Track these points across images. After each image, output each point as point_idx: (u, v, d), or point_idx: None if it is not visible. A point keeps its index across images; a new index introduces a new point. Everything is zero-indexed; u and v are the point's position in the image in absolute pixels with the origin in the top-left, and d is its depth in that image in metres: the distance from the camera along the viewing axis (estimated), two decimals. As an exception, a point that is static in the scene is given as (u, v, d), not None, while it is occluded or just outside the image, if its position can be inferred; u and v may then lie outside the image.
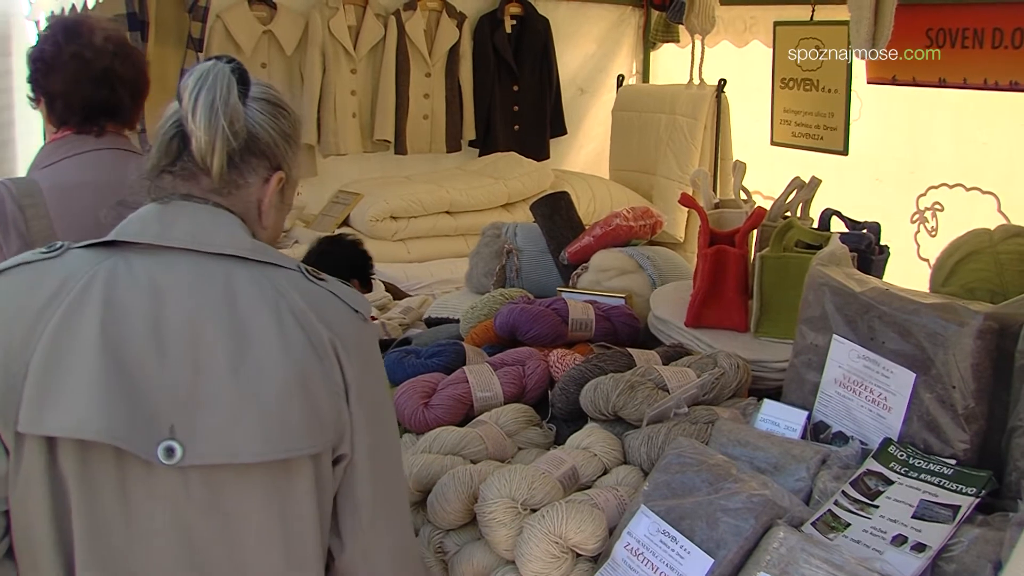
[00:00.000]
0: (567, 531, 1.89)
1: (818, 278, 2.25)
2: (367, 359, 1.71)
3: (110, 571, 1.57)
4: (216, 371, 1.56)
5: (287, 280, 1.66)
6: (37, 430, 1.50)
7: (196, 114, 1.62)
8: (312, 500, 1.65)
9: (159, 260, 1.61)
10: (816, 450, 2.06)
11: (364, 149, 5.85)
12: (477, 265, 3.60)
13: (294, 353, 1.59)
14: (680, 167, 5.87)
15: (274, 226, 1.80)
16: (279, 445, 1.58)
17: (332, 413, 1.64)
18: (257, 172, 1.70)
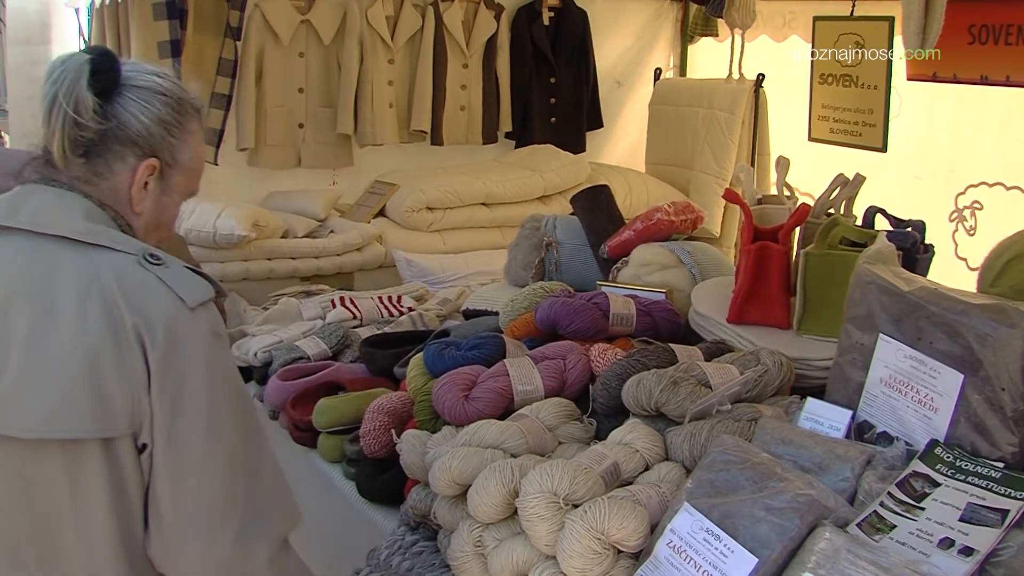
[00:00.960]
0: (609, 527, 1.88)
1: (865, 276, 2.23)
2: (178, 348, 1.70)
3: None
4: (13, 346, 1.65)
5: (113, 264, 1.70)
6: None
7: (43, 107, 1.74)
8: (103, 483, 1.68)
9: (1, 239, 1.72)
10: (861, 450, 2.04)
11: (400, 139, 5.85)
12: (516, 258, 3.59)
13: (89, 337, 1.64)
14: (717, 162, 5.84)
15: (153, 215, 1.86)
16: (58, 425, 1.64)
17: (125, 400, 1.66)
18: (124, 161, 1.78)
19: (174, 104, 1.84)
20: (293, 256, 4.73)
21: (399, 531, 2.44)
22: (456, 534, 2.15)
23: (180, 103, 1.85)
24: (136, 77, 1.81)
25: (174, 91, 1.85)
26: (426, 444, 2.39)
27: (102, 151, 1.77)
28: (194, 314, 1.73)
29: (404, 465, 2.41)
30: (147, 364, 1.67)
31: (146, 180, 1.82)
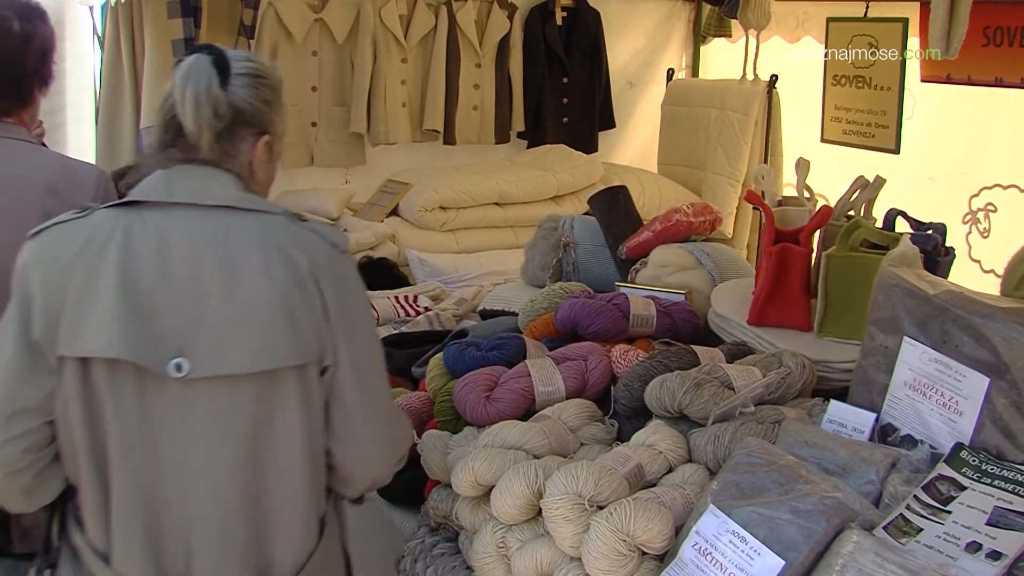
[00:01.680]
0: (634, 529, 1.88)
1: (889, 279, 2.22)
2: (344, 284, 2.04)
3: (135, 467, 1.94)
4: (213, 300, 1.91)
5: (272, 223, 1.99)
6: (73, 352, 1.89)
7: (185, 106, 1.96)
8: (298, 404, 1.99)
9: (167, 214, 1.96)
10: (886, 453, 2.04)
11: (413, 139, 5.84)
12: (533, 258, 3.59)
13: (278, 283, 1.93)
14: (730, 163, 5.83)
15: (265, 179, 2.14)
16: (266, 358, 1.93)
17: (312, 331, 1.97)
18: (246, 140, 2.04)
19: (269, 82, 2.08)
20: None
21: (420, 532, 2.44)
22: (479, 536, 2.15)
23: (273, 80, 2.10)
24: (237, 65, 2.03)
25: (267, 71, 2.10)
26: (447, 444, 2.39)
27: (231, 135, 2.02)
28: (345, 256, 2.08)
29: (425, 465, 2.41)
30: (323, 301, 1.98)
31: (262, 153, 2.08)
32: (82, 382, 1.92)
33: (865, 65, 5.43)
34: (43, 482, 2.01)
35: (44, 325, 1.91)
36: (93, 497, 1.98)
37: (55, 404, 1.94)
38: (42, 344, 1.92)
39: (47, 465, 2.00)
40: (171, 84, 2.01)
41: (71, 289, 1.90)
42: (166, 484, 1.96)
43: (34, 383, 1.93)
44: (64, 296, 1.90)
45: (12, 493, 2.01)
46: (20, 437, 1.94)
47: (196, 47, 2.07)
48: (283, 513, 2.04)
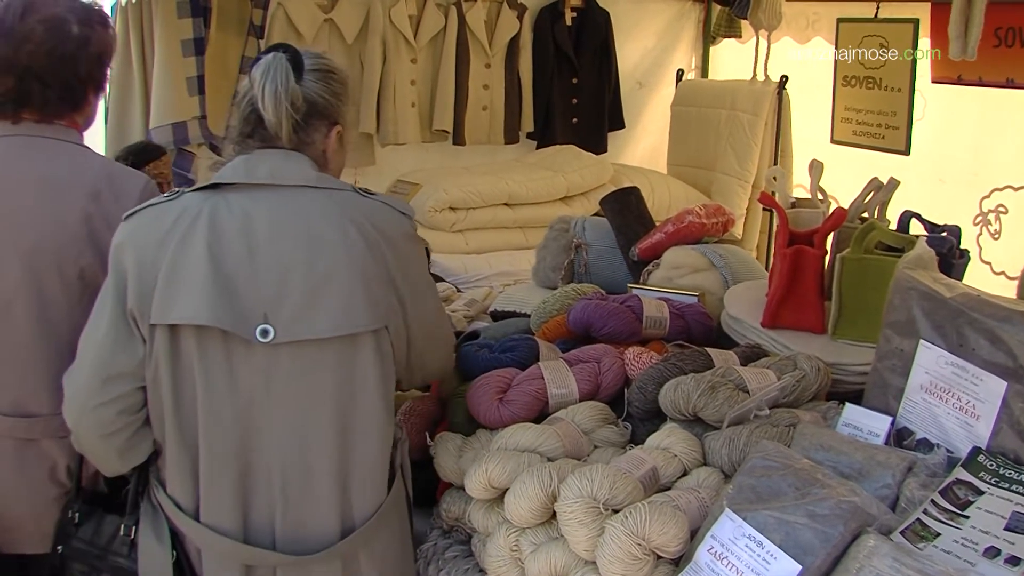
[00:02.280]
0: (650, 533, 1.87)
1: (905, 282, 2.21)
2: (409, 252, 2.24)
3: (224, 428, 2.12)
4: (295, 271, 2.09)
5: (345, 199, 2.18)
6: (164, 320, 2.07)
7: (264, 101, 2.15)
8: (375, 364, 2.17)
9: (249, 195, 2.14)
10: (902, 457, 2.03)
11: (423, 139, 5.84)
12: (544, 259, 3.57)
13: (355, 253, 2.12)
14: (740, 164, 5.82)
15: (337, 166, 2.34)
16: (347, 323, 2.11)
17: (385, 297, 2.16)
18: (319, 130, 2.24)
19: (338, 78, 2.28)
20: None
21: (432, 535, 2.44)
22: (492, 539, 2.14)
23: (342, 76, 2.31)
24: (309, 62, 2.22)
25: (335, 67, 2.30)
26: (460, 447, 2.39)
27: (306, 125, 2.21)
28: (411, 222, 2.28)
29: (438, 467, 2.40)
30: (391, 265, 2.17)
31: (335, 141, 2.29)
32: (171, 349, 2.10)
33: (875, 66, 5.42)
34: (135, 444, 2.20)
35: (137, 297, 2.10)
36: (179, 457, 2.16)
37: (146, 371, 2.13)
38: (135, 314, 2.11)
39: (139, 428, 2.19)
40: (248, 81, 2.21)
41: (162, 264, 2.08)
42: (253, 442, 2.14)
43: (128, 350, 2.12)
44: (156, 271, 2.08)
45: (108, 455, 2.21)
46: (115, 400, 2.14)
47: (270, 47, 2.26)
48: (363, 465, 2.21)
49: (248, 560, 2.17)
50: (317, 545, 2.19)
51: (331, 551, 2.19)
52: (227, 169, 2.20)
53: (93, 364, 2.14)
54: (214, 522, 2.15)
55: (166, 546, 2.21)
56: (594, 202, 5.60)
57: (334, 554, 2.20)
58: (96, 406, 2.13)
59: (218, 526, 2.15)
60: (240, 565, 2.17)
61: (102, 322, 2.14)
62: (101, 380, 2.13)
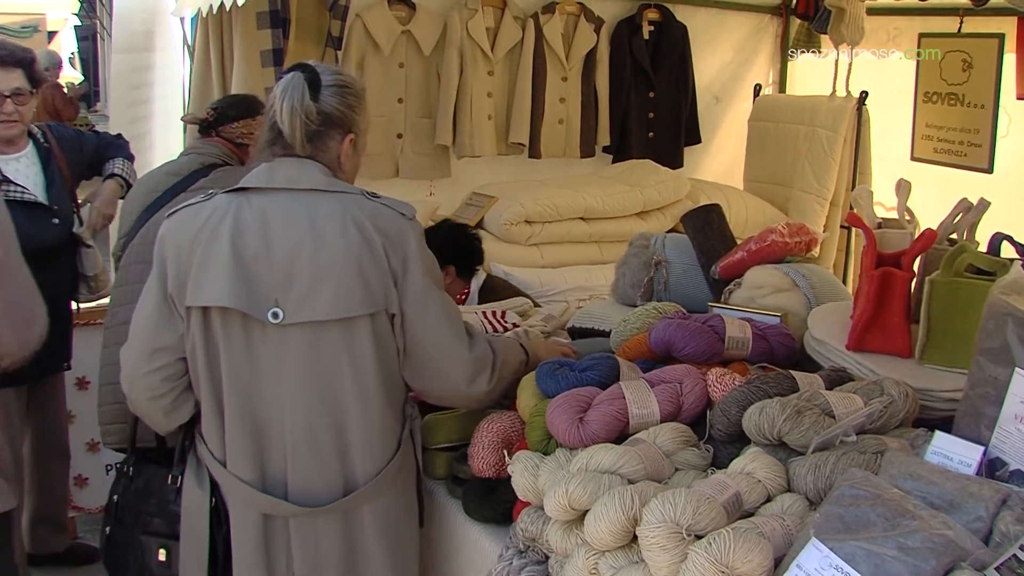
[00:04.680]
0: (734, 560, 1.83)
1: (1000, 307, 2.15)
2: (408, 249, 2.54)
3: (242, 394, 2.54)
4: (301, 263, 2.46)
5: (351, 201, 2.53)
6: (196, 303, 2.49)
7: (283, 115, 2.54)
8: (371, 346, 2.53)
9: (268, 197, 2.53)
10: (996, 489, 1.96)
11: (498, 152, 5.84)
12: (624, 275, 3.54)
13: (353, 249, 2.46)
14: (818, 180, 5.75)
15: (351, 169, 2.72)
16: (342, 308, 2.47)
17: (381, 287, 2.49)
18: (334, 138, 2.61)
19: (354, 91, 2.64)
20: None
21: (507, 554, 2.41)
22: (571, 561, 2.11)
23: (356, 89, 2.66)
24: (326, 79, 2.59)
25: (350, 82, 2.66)
26: (539, 466, 2.36)
27: (321, 135, 2.59)
28: (412, 223, 2.58)
29: (516, 487, 2.37)
30: (390, 261, 2.50)
31: (348, 148, 2.65)
32: (203, 327, 2.51)
33: (958, 82, 5.33)
34: (179, 406, 2.64)
35: (176, 283, 2.52)
36: (211, 417, 2.59)
37: (185, 344, 2.56)
38: (174, 297, 2.53)
39: (181, 393, 2.63)
40: (273, 96, 2.58)
41: (195, 255, 2.48)
42: (267, 407, 2.54)
43: (169, 327, 2.56)
44: (191, 260, 2.49)
45: (156, 414, 2.66)
46: (160, 369, 2.58)
47: (293, 66, 2.64)
48: (362, 434, 2.58)
49: (264, 508, 2.58)
50: (322, 500, 2.58)
51: (333, 506, 2.58)
52: (252, 174, 2.59)
53: (142, 339, 2.59)
54: (238, 470, 2.57)
55: (206, 491, 2.65)
56: (671, 217, 5.58)
57: (336, 509, 2.59)
58: (145, 374, 2.59)
59: (240, 475, 2.57)
60: (258, 513, 2.59)
61: (148, 304, 2.59)
62: (149, 353, 2.58)
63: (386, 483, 2.64)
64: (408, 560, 2.75)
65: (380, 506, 2.64)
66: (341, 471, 2.59)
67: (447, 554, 2.85)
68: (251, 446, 2.56)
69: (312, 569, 2.63)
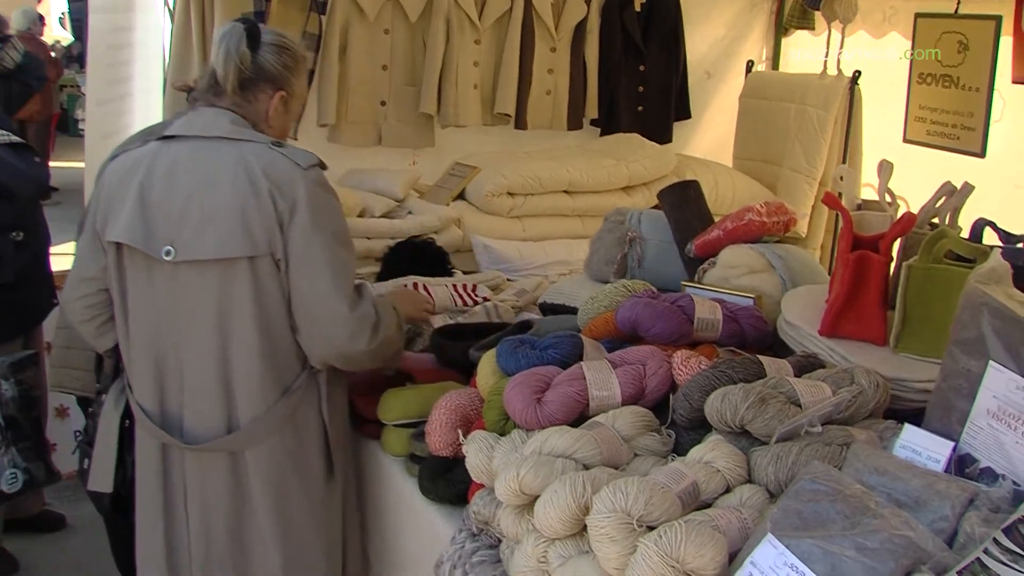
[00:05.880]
0: (685, 555, 1.74)
1: (977, 297, 2.05)
2: (297, 195, 2.65)
3: (144, 327, 2.77)
4: (194, 204, 2.63)
5: (251, 150, 2.68)
6: (107, 238, 2.73)
7: (218, 58, 2.73)
8: (251, 289, 2.66)
9: (184, 144, 2.72)
10: (963, 487, 1.87)
11: (484, 122, 5.69)
12: (598, 251, 3.44)
13: (239, 194, 2.61)
14: (808, 160, 5.64)
15: (280, 127, 2.89)
16: (224, 248, 2.62)
17: (264, 232, 2.62)
18: (264, 91, 2.81)
19: (292, 53, 2.82)
20: (369, 236, 4.59)
21: (460, 537, 2.33)
22: (520, 548, 2.03)
23: (295, 52, 2.84)
24: (267, 37, 2.78)
25: (291, 44, 2.84)
26: (493, 447, 2.27)
27: (251, 86, 2.78)
28: (306, 171, 2.69)
29: (469, 467, 2.29)
30: (278, 208, 2.62)
31: (278, 105, 2.82)
32: (117, 261, 2.75)
33: (954, 64, 5.23)
34: (104, 332, 2.90)
35: (100, 220, 2.76)
36: (124, 347, 2.84)
37: (108, 277, 2.78)
38: (99, 232, 2.76)
39: (105, 321, 2.88)
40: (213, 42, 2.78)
41: (115, 196, 2.72)
42: (164, 341, 2.74)
43: (94, 260, 2.81)
44: (111, 200, 2.73)
45: (87, 337, 2.94)
46: (84, 297, 2.85)
47: (236, 19, 2.79)
48: (244, 376, 2.72)
49: (161, 439, 2.78)
50: (208, 438, 2.74)
51: (211, 444, 2.75)
52: (176, 124, 2.78)
53: (75, 269, 2.86)
54: (141, 399, 2.80)
55: (119, 411, 2.93)
56: (656, 193, 5.47)
57: (216, 448, 2.75)
58: (72, 300, 2.88)
59: (143, 405, 2.79)
60: (158, 443, 2.80)
61: (84, 238, 2.84)
62: (77, 281, 2.86)
63: (268, 429, 2.75)
64: (302, 511, 2.85)
65: (263, 452, 2.77)
66: (225, 411, 2.74)
67: (403, 534, 2.78)
68: (151, 378, 2.77)
69: (203, 506, 2.80)
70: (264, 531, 2.82)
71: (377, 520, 2.96)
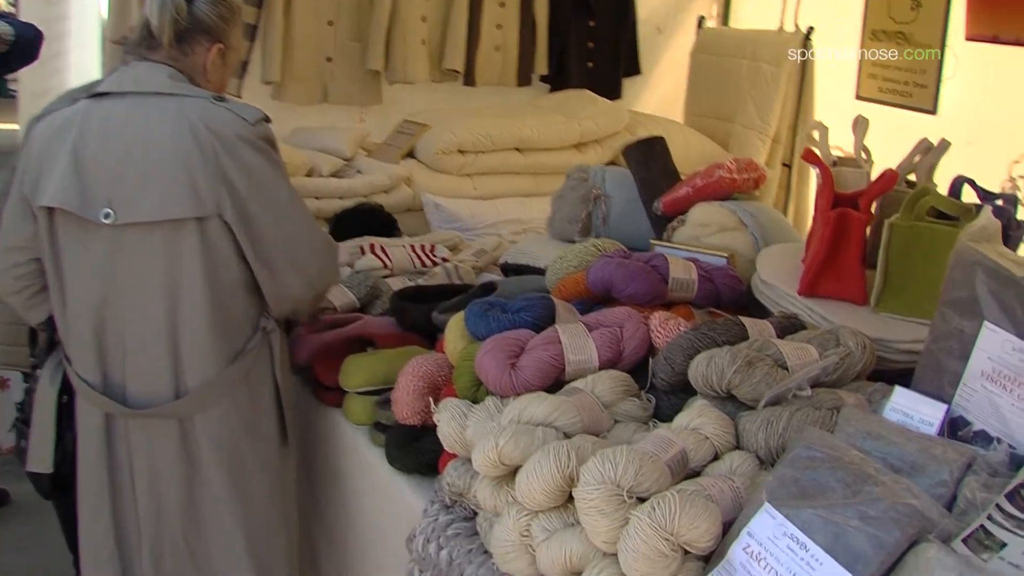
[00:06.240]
0: (679, 527, 1.66)
1: (969, 255, 1.98)
2: (243, 151, 2.56)
3: (82, 294, 2.63)
4: (132, 164, 2.51)
5: (191, 104, 2.57)
6: (38, 203, 2.59)
7: (152, 9, 2.62)
8: (198, 250, 2.56)
9: (117, 101, 2.60)
10: (961, 452, 1.81)
11: (432, 78, 5.55)
12: (561, 210, 3.34)
13: (181, 150, 2.50)
14: (760, 116, 5.58)
15: (218, 81, 2.77)
16: (170, 209, 2.52)
17: (210, 190, 2.51)
18: (201, 44, 2.69)
19: (228, 4, 2.72)
20: (317, 196, 4.45)
21: (432, 509, 2.23)
22: (500, 521, 1.93)
23: (231, 3, 2.74)
24: None
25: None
26: (467, 415, 2.17)
27: (188, 38, 2.66)
28: (253, 127, 2.60)
29: (442, 437, 2.18)
30: (221, 164, 2.51)
31: (215, 58, 2.71)
32: (49, 227, 2.62)
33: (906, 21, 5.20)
34: (36, 304, 2.80)
35: (30, 184, 2.61)
36: (59, 316, 2.71)
37: (39, 245, 2.65)
38: (28, 197, 2.62)
39: (36, 293, 2.77)
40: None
41: (45, 158, 2.58)
42: (106, 308, 2.62)
43: (22, 227, 2.68)
44: (41, 163, 2.59)
45: (18, 309, 2.82)
46: (11, 268, 2.73)
47: None
48: (193, 341, 2.63)
49: (105, 407, 2.67)
50: (155, 404, 2.64)
51: (158, 410, 2.64)
52: (107, 80, 2.68)
53: (1, 237, 2.73)
54: (80, 371, 2.68)
55: (55, 387, 2.86)
56: (609, 150, 5.39)
57: (164, 414, 2.65)
58: (1, 270, 2.74)
59: (83, 375, 2.67)
60: (102, 413, 2.68)
61: (10, 205, 2.70)
62: (4, 251, 2.73)
63: (220, 392, 2.68)
64: (258, 477, 2.78)
65: (213, 417, 2.69)
66: (173, 377, 2.64)
67: (370, 506, 2.68)
68: (92, 346, 2.65)
69: (151, 474, 2.70)
70: (220, 500, 2.73)
71: (341, 491, 2.86)
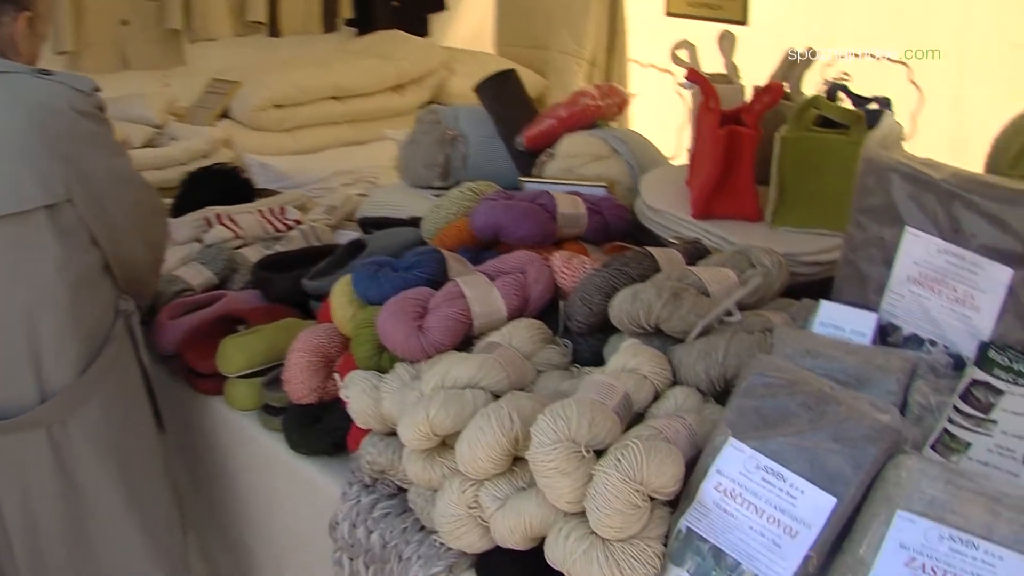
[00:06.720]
0: (647, 475, 1.58)
1: (881, 162, 1.94)
2: (83, 124, 2.36)
3: None
4: None
5: (14, 80, 2.33)
6: None
7: None
8: (54, 241, 2.31)
9: None
10: (904, 358, 1.78)
11: (235, 33, 5.28)
12: (414, 155, 3.18)
13: (18, 133, 2.25)
14: (575, 40, 5.55)
15: (28, 52, 2.49)
16: (16, 201, 2.26)
17: (57, 173, 2.29)
18: (8, 13, 2.41)
19: None
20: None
21: (352, 491, 2.09)
22: (443, 494, 1.80)
23: None
24: None
25: None
26: (378, 387, 2.02)
27: None
28: (90, 97, 2.39)
29: (354, 414, 2.02)
30: (63, 142, 2.30)
31: (24, 28, 2.44)
32: None
33: (711, -69, 5.23)
34: None
35: None
36: None
37: None
38: None
39: None
40: None
41: None
42: None
43: None
44: None
45: None
46: None
47: None
48: (54, 338, 2.38)
49: None
50: (18, 412, 2.37)
51: (25, 418, 2.38)
52: None
53: None
54: None
55: None
56: (428, 89, 5.26)
57: (32, 421, 2.39)
58: None
59: None
60: None
61: None
62: None
63: (90, 390, 2.45)
64: (144, 470, 2.60)
65: (89, 415, 2.47)
66: (36, 381, 2.39)
67: (272, 497, 2.51)
68: None
69: (21, 495, 2.45)
70: (110, 503, 2.52)
71: (232, 486, 2.66)
